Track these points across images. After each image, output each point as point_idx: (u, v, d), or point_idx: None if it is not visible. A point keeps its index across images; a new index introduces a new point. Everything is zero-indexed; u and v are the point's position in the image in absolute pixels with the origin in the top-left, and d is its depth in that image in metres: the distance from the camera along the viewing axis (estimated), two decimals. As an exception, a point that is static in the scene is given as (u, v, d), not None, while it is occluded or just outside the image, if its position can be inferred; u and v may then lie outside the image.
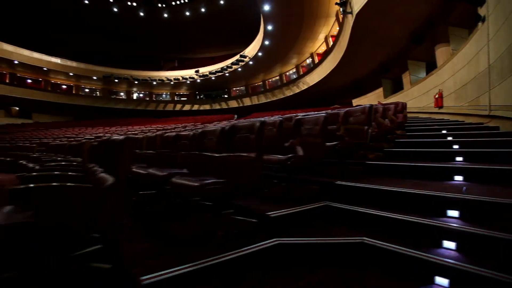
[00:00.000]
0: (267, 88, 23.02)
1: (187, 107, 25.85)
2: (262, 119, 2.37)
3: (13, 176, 6.91)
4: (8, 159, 7.78)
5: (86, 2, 21.27)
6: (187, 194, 1.99)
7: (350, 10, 9.45)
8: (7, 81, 20.66)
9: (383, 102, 13.32)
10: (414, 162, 3.25)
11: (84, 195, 1.34)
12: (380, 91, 15.12)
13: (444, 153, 3.68)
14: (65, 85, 24.02)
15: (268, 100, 22.08)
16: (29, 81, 22.21)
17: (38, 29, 22.42)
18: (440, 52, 9.44)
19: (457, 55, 7.47)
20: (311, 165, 2.72)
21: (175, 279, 1.28)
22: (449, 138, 4.59)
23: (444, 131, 5.34)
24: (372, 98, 16.14)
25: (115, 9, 22.34)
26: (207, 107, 25.57)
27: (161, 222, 2.08)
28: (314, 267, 1.66)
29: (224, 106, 24.87)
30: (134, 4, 22.47)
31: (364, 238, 1.87)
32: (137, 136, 7.31)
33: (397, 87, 13.77)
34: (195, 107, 25.88)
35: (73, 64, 22.59)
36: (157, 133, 7.81)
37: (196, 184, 1.68)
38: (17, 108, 22.63)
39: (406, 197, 2.19)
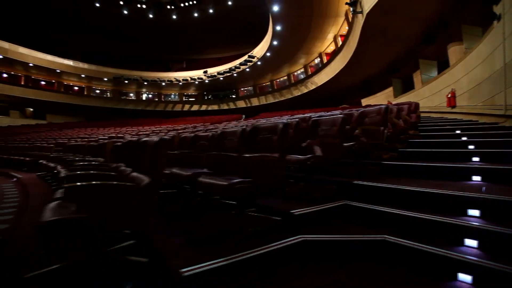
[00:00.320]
0: (275, 88, 23.07)
1: (195, 107, 26.13)
2: (283, 120, 2.45)
3: (34, 175, 7.13)
4: (27, 159, 8.08)
5: (98, 5, 21.74)
6: (215, 193, 2.08)
7: (360, 10, 9.43)
8: (22, 83, 21.31)
9: (393, 102, 13.23)
10: (429, 162, 3.27)
11: (126, 193, 1.43)
12: (389, 90, 14.99)
13: (459, 153, 3.68)
14: (77, 86, 24.60)
15: (276, 100, 22.12)
16: (42, 83, 22.83)
17: (51, 32, 23.01)
18: (453, 51, 9.33)
19: (471, 53, 7.38)
20: (329, 165, 2.78)
21: (212, 272, 1.37)
22: (464, 138, 4.56)
23: (458, 131, 5.31)
24: (381, 98, 16.01)
25: (125, 12, 22.74)
26: (215, 107, 25.78)
27: (186, 219, 2.17)
28: (340, 263, 1.72)
29: (232, 106, 25.02)
30: (144, 6, 22.85)
31: (386, 236, 1.92)
32: (150, 136, 7.47)
33: (408, 86, 13.63)
34: (203, 107, 26.13)
35: (85, 66, 23.11)
36: (169, 133, 7.97)
37: (225, 183, 1.76)
38: (32, 109, 23.29)
39: (426, 197, 2.23)
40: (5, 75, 20.80)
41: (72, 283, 1.43)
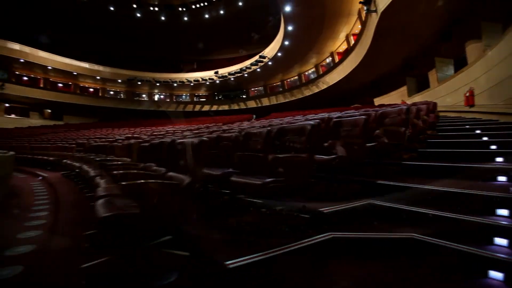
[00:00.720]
0: (286, 88, 23.06)
1: (206, 108, 26.43)
2: (310, 122, 2.52)
3: (59, 174, 7.42)
4: (51, 158, 8.43)
5: (112, 8, 22.31)
6: (247, 192, 2.18)
7: (374, 9, 9.35)
8: (41, 85, 22.12)
9: (407, 101, 13.01)
10: (450, 162, 3.27)
11: (173, 191, 1.55)
12: (403, 89, 14.75)
13: (481, 154, 3.65)
14: (92, 88, 25.33)
15: (287, 100, 22.11)
16: (60, 85, 23.62)
17: (68, 35, 23.77)
18: (471, 49, 9.12)
19: (491, 51, 7.21)
20: (352, 165, 2.84)
21: (254, 265, 1.46)
22: (485, 139, 4.50)
23: (478, 131, 5.23)
24: (395, 97, 15.77)
25: (138, 15, 23.25)
26: (225, 107, 25.99)
27: (219, 216, 2.28)
28: (370, 259, 1.79)
29: (242, 106, 25.17)
30: (156, 9, 23.30)
31: (413, 234, 1.97)
32: (165, 137, 7.69)
33: (422, 85, 13.38)
34: (214, 107, 26.39)
35: (100, 68, 23.77)
36: (185, 133, 8.15)
37: (258, 182, 1.86)
38: (49, 111, 24.14)
39: (452, 197, 2.26)
40: (25, 78, 21.65)
41: (120, 275, 1.55)
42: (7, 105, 21.31)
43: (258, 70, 20.90)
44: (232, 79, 23.09)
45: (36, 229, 3.36)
